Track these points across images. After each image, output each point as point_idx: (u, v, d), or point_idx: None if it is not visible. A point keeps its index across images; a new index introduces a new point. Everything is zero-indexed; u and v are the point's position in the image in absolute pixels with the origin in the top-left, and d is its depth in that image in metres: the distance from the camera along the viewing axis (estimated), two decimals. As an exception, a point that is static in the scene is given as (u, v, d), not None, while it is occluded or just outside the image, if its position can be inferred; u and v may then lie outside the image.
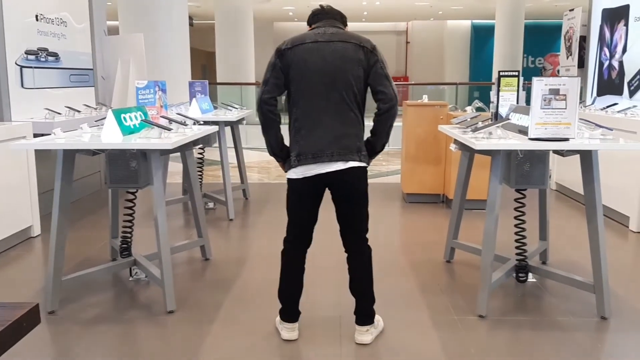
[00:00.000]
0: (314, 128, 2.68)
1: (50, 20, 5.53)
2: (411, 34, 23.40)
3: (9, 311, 1.13)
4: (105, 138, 3.20)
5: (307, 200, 2.80)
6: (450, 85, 15.11)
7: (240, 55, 15.40)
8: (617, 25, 6.26)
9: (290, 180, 2.78)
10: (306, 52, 2.67)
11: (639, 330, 3.08)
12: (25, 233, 4.68)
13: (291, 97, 2.74)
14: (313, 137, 2.67)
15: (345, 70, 2.65)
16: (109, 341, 2.95)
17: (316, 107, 2.67)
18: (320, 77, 2.65)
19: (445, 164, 5.87)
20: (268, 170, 8.14)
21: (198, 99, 5.46)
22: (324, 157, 2.65)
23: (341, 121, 2.68)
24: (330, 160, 2.65)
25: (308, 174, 2.70)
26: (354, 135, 2.70)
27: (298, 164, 2.70)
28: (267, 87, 2.70)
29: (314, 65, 2.65)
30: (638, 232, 4.91)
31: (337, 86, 2.65)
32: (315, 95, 2.67)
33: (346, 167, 2.68)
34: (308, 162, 2.67)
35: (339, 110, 2.67)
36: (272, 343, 2.91)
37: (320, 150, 2.65)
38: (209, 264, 4.13)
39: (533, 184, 3.40)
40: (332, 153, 2.65)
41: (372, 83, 2.70)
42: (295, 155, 2.71)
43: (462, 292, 3.59)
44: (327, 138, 2.66)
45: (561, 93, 2.99)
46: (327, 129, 2.66)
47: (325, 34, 2.71)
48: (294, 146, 2.73)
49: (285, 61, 2.69)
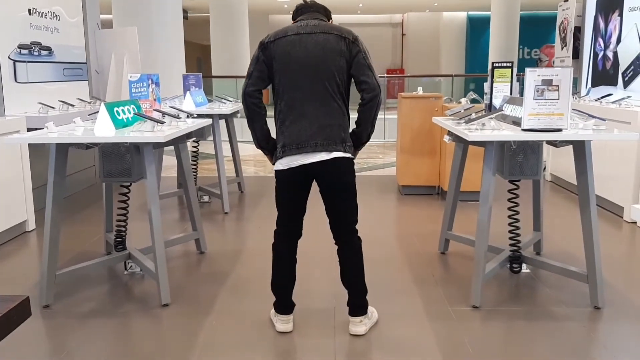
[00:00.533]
0: (298, 119, 2.69)
1: (43, 14, 5.51)
2: (407, 25, 23.35)
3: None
4: (98, 132, 3.20)
5: (293, 191, 2.82)
6: (446, 77, 15.11)
7: (235, 48, 15.36)
8: (612, 15, 6.25)
9: (277, 172, 2.80)
10: (289, 44, 2.68)
11: (631, 319, 3.10)
12: (20, 228, 4.68)
13: (275, 89, 2.76)
14: (297, 128, 2.69)
15: (328, 61, 2.66)
16: (104, 335, 2.96)
17: (300, 98, 2.69)
18: (303, 69, 2.67)
19: (441, 155, 5.88)
20: (264, 163, 8.13)
21: (192, 92, 5.45)
22: (307, 147, 2.67)
23: (325, 112, 2.69)
24: (314, 150, 2.67)
25: (292, 165, 2.71)
26: (338, 125, 2.71)
27: (283, 155, 2.72)
28: (250, 80, 2.74)
29: (297, 57, 2.67)
30: (632, 222, 4.93)
31: (320, 77, 2.67)
32: (299, 87, 2.69)
33: (330, 157, 2.68)
34: (292, 153, 2.69)
35: (322, 101, 2.68)
36: (267, 335, 2.92)
37: (304, 141, 2.67)
38: (203, 257, 4.13)
39: (526, 175, 3.41)
40: (315, 143, 2.67)
41: (355, 73, 2.71)
42: (280, 146, 2.74)
43: (456, 283, 3.60)
44: (311, 129, 2.67)
45: (554, 84, 3.00)
46: (311, 119, 2.68)
47: (307, 26, 2.72)
48: (279, 137, 2.76)
49: (269, 54, 2.71)
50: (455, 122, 3.64)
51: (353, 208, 2.85)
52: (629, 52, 5.86)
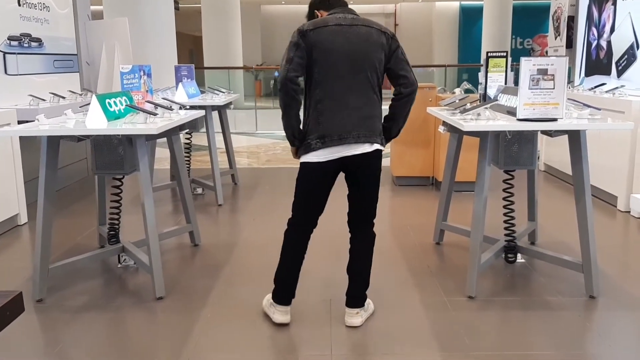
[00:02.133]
0: (339, 110, 2.64)
1: (33, 5, 5.44)
2: (399, 16, 23.27)
3: (-8, 300, 1.11)
4: (90, 124, 3.16)
5: (324, 183, 2.77)
6: (439, 67, 15.08)
7: (227, 39, 15.30)
8: (605, 4, 6.24)
9: (309, 164, 2.71)
10: (331, 34, 2.63)
11: (626, 308, 3.11)
12: (12, 221, 4.64)
13: (313, 78, 2.67)
14: (338, 118, 2.63)
15: (370, 53, 2.66)
16: (98, 329, 2.93)
17: (341, 88, 2.64)
18: (346, 59, 2.63)
19: (435, 146, 5.87)
20: (257, 154, 8.10)
21: (184, 84, 5.40)
22: (350, 138, 2.63)
23: (365, 103, 2.68)
24: (357, 142, 2.64)
25: (332, 157, 2.66)
26: (377, 117, 2.72)
27: (323, 146, 2.64)
28: (291, 65, 2.60)
29: (340, 47, 2.62)
30: (626, 211, 4.94)
31: (363, 68, 2.65)
32: (341, 77, 2.64)
33: (372, 149, 2.69)
34: (333, 144, 2.63)
35: (363, 92, 2.67)
36: (262, 327, 2.91)
37: (347, 132, 2.63)
38: (198, 250, 4.11)
39: (522, 164, 3.40)
40: (358, 135, 2.64)
41: (393, 68, 2.72)
42: (316, 137, 2.65)
43: (452, 273, 3.60)
44: (353, 119, 2.64)
45: (549, 73, 2.98)
46: (352, 110, 2.65)
47: (346, 18, 2.69)
48: (315, 128, 2.66)
49: (308, 42, 2.62)
50: (450, 112, 3.63)
51: (376, 199, 2.88)
52: (622, 41, 5.85)
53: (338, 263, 2.81)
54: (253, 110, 11.78)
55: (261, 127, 10.80)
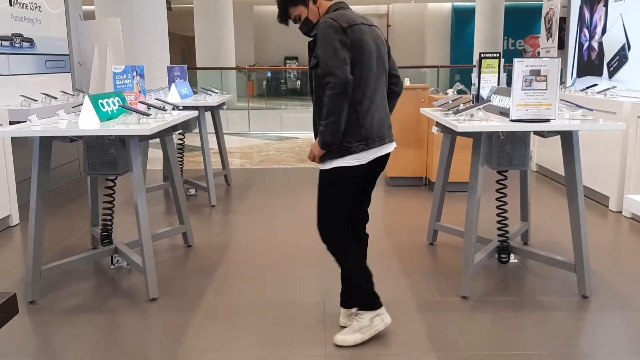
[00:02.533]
0: (377, 110, 2.64)
1: (25, 5, 5.41)
2: (392, 16, 23.31)
3: (-15, 302, 1.10)
4: (82, 124, 3.15)
5: (360, 183, 2.72)
6: (431, 68, 15.10)
7: (219, 39, 15.27)
8: (597, 6, 6.28)
9: (348, 169, 2.58)
10: (363, 33, 2.57)
11: (619, 308, 3.12)
12: (4, 222, 4.61)
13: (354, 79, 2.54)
14: (376, 118, 2.63)
15: (385, 54, 2.72)
16: (91, 330, 2.92)
17: (374, 88, 2.62)
18: (376, 60, 2.63)
19: (428, 147, 5.88)
20: (250, 155, 8.08)
21: (177, 84, 5.39)
22: (386, 138, 2.66)
23: (386, 102, 2.74)
24: (390, 141, 2.70)
25: (371, 158, 2.62)
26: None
27: (365, 148, 2.57)
28: (348, 66, 2.46)
29: (370, 47, 2.59)
30: (618, 211, 4.97)
31: (385, 68, 2.71)
32: (373, 77, 2.62)
33: (394, 147, 2.75)
34: (376, 145, 2.62)
35: (384, 92, 2.73)
36: (255, 328, 2.90)
37: (385, 132, 2.67)
38: (191, 251, 4.10)
39: (514, 165, 3.42)
40: (389, 134, 2.70)
41: (389, 68, 2.77)
42: (358, 139, 2.55)
43: (445, 273, 3.61)
44: (386, 120, 2.69)
45: (542, 74, 3.00)
46: (384, 110, 2.69)
47: (361, 16, 2.66)
48: (356, 131, 2.55)
49: (349, 40, 2.49)
50: (444, 113, 3.64)
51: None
52: (614, 42, 5.89)
53: (332, 263, 2.80)
54: (246, 111, 11.77)
55: (254, 128, 10.79)
